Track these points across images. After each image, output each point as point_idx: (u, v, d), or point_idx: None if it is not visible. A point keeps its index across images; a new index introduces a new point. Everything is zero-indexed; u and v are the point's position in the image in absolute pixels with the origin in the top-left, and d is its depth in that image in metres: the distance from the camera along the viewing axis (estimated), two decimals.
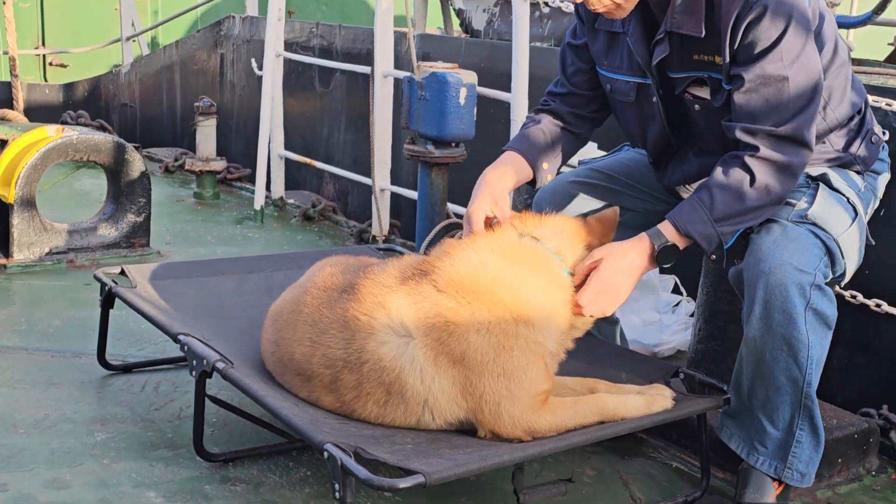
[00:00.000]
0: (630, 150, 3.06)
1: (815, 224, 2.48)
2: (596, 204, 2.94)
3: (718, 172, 2.48)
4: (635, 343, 3.41)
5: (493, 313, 2.33)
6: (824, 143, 2.67)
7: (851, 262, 2.55)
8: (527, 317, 2.35)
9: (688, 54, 2.57)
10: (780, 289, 2.40)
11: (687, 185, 2.81)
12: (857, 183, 2.69)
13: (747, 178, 2.44)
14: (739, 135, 2.47)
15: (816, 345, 2.45)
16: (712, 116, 2.61)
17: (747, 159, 2.44)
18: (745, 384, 2.56)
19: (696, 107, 2.64)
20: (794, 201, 2.56)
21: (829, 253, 2.48)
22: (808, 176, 2.63)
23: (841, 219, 2.54)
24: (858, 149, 2.70)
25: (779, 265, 2.40)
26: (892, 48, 5.70)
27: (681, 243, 2.48)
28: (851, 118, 2.70)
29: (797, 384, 2.47)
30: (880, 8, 3.73)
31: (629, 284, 2.47)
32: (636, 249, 2.47)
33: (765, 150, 2.43)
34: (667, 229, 2.48)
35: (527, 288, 2.38)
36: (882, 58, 5.53)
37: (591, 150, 3.45)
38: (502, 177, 2.73)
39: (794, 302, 2.40)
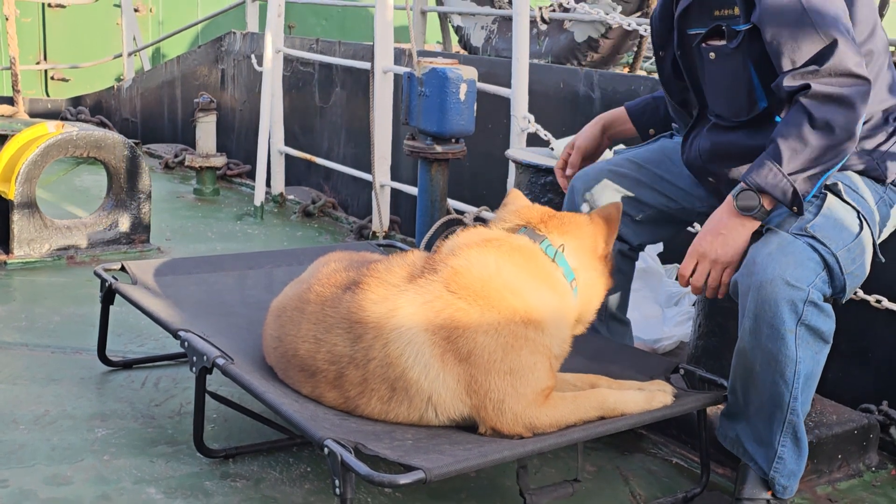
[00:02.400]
0: (665, 139, 3.07)
1: (814, 237, 2.41)
2: (617, 196, 2.96)
3: (780, 124, 2.45)
4: (636, 339, 3.41)
5: (503, 316, 2.35)
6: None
7: (853, 277, 2.46)
8: (537, 321, 2.37)
9: (709, 10, 2.60)
10: (769, 304, 2.36)
11: (706, 166, 2.78)
12: (872, 196, 2.60)
13: (805, 119, 2.38)
14: (788, 82, 2.42)
15: (807, 361, 2.42)
16: (726, 64, 2.59)
17: (802, 100, 2.39)
18: (738, 391, 2.56)
19: (712, 55, 2.61)
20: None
21: (828, 267, 2.41)
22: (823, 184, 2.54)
23: (843, 233, 2.46)
24: (887, 151, 2.62)
25: (770, 279, 2.36)
26: None
27: (764, 202, 2.44)
28: (886, 118, 2.63)
29: (783, 399, 2.44)
30: None
31: (722, 235, 2.48)
32: (719, 209, 2.52)
33: (815, 87, 2.38)
34: (743, 187, 2.46)
35: (537, 295, 2.40)
36: None
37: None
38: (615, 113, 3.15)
39: (784, 318, 2.36)
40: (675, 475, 2.85)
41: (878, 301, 3.21)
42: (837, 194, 2.52)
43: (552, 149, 3.64)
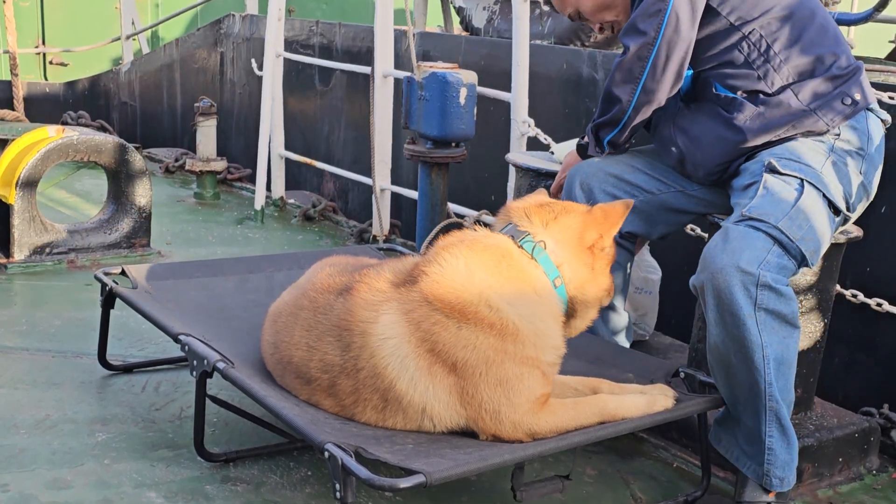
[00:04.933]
0: None
1: (751, 219, 2.48)
2: (612, 180, 2.99)
3: None
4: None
5: (480, 329, 2.30)
6: (787, 91, 2.68)
7: (807, 242, 2.50)
8: (514, 334, 2.31)
9: None
10: (725, 292, 2.42)
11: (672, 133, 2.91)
12: (819, 158, 2.63)
13: None
14: None
15: (774, 345, 2.44)
16: None
17: None
18: (721, 390, 2.58)
19: None
20: (742, 201, 2.58)
21: (777, 241, 2.46)
22: (764, 164, 2.64)
23: (781, 204, 2.51)
24: (823, 102, 2.68)
25: (720, 268, 2.42)
26: (892, 45, 5.70)
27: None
28: (822, 71, 2.69)
29: (759, 387, 2.47)
30: (881, 5, 3.74)
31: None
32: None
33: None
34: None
35: (514, 304, 2.33)
36: (883, 55, 5.54)
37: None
38: None
39: (741, 304, 2.41)
40: (676, 478, 2.85)
41: (879, 304, 3.22)
42: (773, 170, 2.60)
43: (552, 153, 3.64)
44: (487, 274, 2.35)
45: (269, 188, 6.04)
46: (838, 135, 2.68)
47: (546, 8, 6.15)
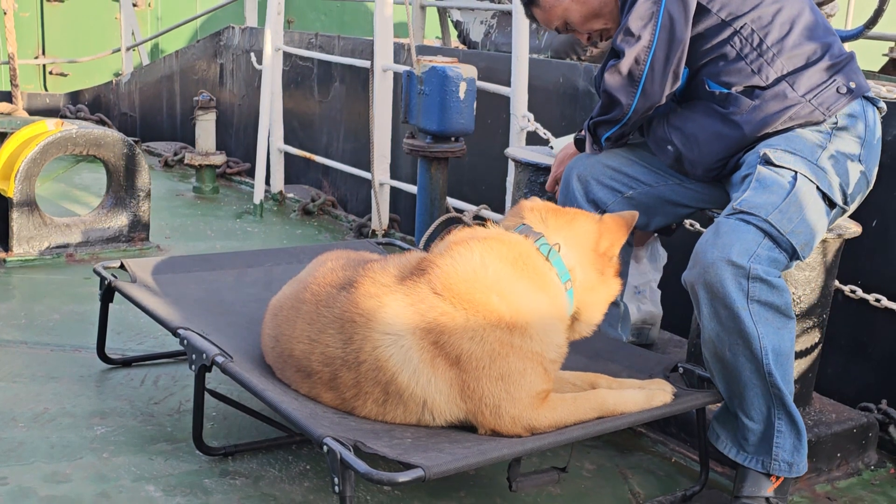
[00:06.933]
0: None
1: (742, 212, 2.49)
2: (609, 171, 2.99)
3: None
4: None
5: (488, 321, 2.31)
6: (782, 83, 2.68)
7: (797, 235, 2.50)
8: (523, 328, 2.32)
9: None
10: (717, 286, 2.42)
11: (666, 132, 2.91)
12: (815, 150, 2.63)
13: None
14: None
15: (770, 336, 2.45)
16: None
17: None
18: (719, 386, 2.58)
19: None
20: (736, 194, 2.58)
21: (768, 234, 2.46)
22: (759, 156, 2.64)
23: (772, 197, 2.51)
24: (818, 94, 2.68)
25: (711, 263, 2.43)
26: (886, 59, 5.73)
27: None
28: (815, 61, 2.70)
29: (761, 375, 2.48)
30: (871, 22, 3.75)
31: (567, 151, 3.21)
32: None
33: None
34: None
35: (524, 298, 2.34)
36: (877, 69, 5.56)
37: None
38: None
39: (734, 297, 2.42)
40: (675, 473, 2.85)
41: (878, 300, 3.22)
42: (769, 162, 2.60)
43: (552, 147, 3.64)
44: (501, 269, 2.36)
45: (268, 182, 6.05)
46: (836, 123, 2.68)
47: None
